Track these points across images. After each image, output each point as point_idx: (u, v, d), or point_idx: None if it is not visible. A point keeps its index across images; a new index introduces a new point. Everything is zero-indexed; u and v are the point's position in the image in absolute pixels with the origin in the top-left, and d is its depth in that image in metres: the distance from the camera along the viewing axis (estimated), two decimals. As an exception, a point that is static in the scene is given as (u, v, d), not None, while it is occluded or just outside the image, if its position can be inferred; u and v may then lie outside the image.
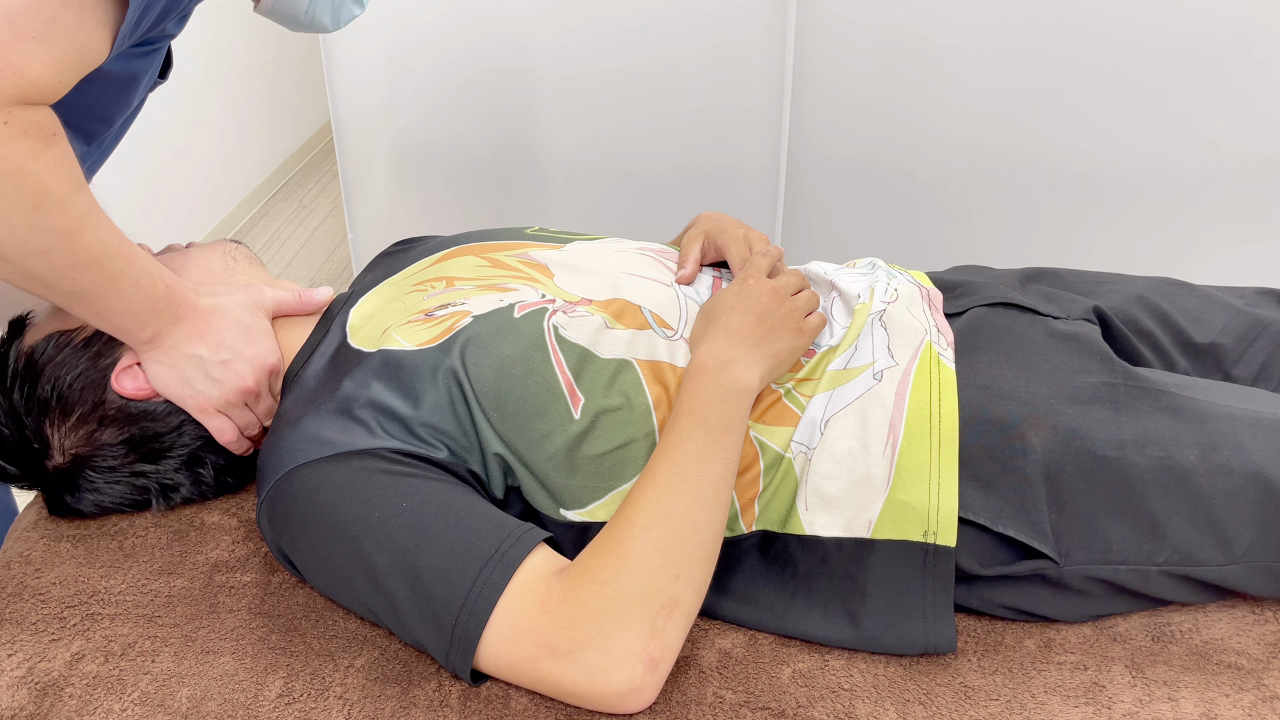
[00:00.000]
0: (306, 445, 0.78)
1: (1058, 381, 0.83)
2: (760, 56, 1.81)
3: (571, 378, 0.81)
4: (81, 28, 0.67)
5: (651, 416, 0.81)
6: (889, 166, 1.89)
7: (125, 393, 0.84)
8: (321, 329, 0.92)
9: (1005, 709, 0.73)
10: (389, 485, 0.75)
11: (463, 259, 0.95)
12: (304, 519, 0.76)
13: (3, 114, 0.64)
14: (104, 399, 0.85)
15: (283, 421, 0.83)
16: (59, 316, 0.88)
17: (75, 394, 0.84)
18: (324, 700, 0.73)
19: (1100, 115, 1.77)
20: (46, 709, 0.73)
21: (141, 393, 0.85)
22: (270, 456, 0.80)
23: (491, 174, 2.02)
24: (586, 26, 1.83)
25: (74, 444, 0.85)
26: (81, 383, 0.85)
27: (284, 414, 0.85)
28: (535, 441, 0.80)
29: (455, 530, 0.72)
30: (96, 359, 0.85)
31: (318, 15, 0.98)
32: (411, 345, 0.83)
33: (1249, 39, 1.67)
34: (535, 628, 0.68)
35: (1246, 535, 0.77)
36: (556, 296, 0.87)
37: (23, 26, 0.63)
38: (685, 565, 0.71)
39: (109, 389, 0.85)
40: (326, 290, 0.95)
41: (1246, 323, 0.96)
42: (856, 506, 0.78)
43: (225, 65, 3.00)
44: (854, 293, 0.91)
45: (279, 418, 0.85)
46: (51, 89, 0.67)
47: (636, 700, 0.69)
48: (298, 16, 0.97)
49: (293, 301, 0.92)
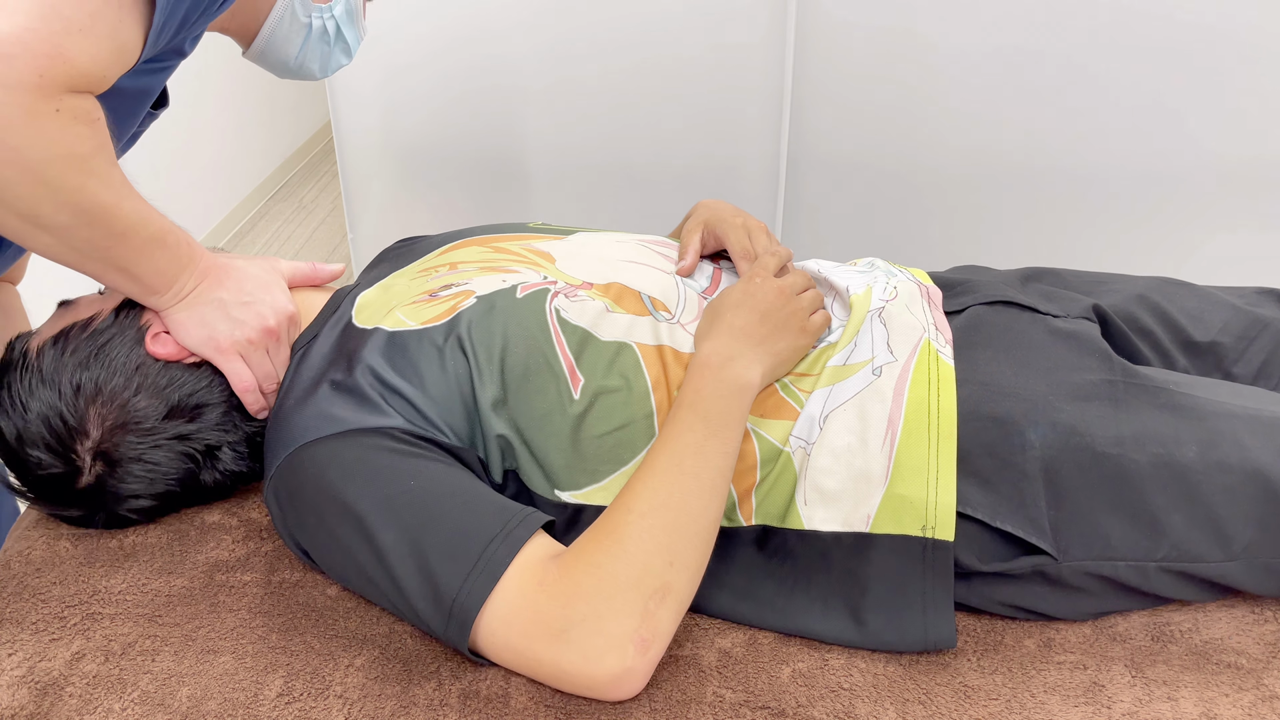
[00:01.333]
0: (316, 422, 0.79)
1: (1057, 379, 0.83)
2: (760, 57, 1.81)
3: (573, 358, 0.82)
4: (121, 24, 0.70)
5: (650, 398, 0.82)
6: (889, 167, 1.89)
7: (160, 355, 0.86)
8: (329, 309, 0.92)
9: (1005, 708, 0.73)
10: (397, 464, 0.76)
11: (468, 248, 0.96)
12: (313, 495, 0.77)
13: (55, 101, 0.67)
14: (140, 364, 0.85)
15: (289, 398, 0.84)
16: (69, 314, 0.89)
17: (112, 368, 0.85)
18: (324, 700, 0.73)
19: (1101, 116, 1.77)
20: (46, 708, 0.73)
21: (175, 353, 0.86)
22: (278, 433, 0.81)
23: (491, 174, 2.02)
24: (587, 27, 1.83)
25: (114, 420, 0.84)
26: (116, 352, 0.85)
27: (290, 390, 0.85)
28: (538, 420, 0.81)
29: (461, 510, 0.73)
30: (123, 330, 0.87)
31: (306, 63, 1.02)
32: (415, 324, 0.84)
33: (1250, 41, 1.67)
34: (531, 606, 0.70)
35: (1245, 532, 0.77)
36: (558, 279, 0.89)
37: (70, 18, 0.67)
38: (679, 553, 0.72)
39: (144, 355, 0.86)
40: (337, 266, 0.97)
41: (1246, 321, 0.96)
42: (855, 501, 0.78)
43: (225, 65, 3.00)
44: (853, 291, 0.92)
45: (285, 394, 0.86)
46: (97, 80, 0.70)
47: (628, 682, 0.69)
48: (287, 63, 1.01)
49: (307, 270, 0.95)
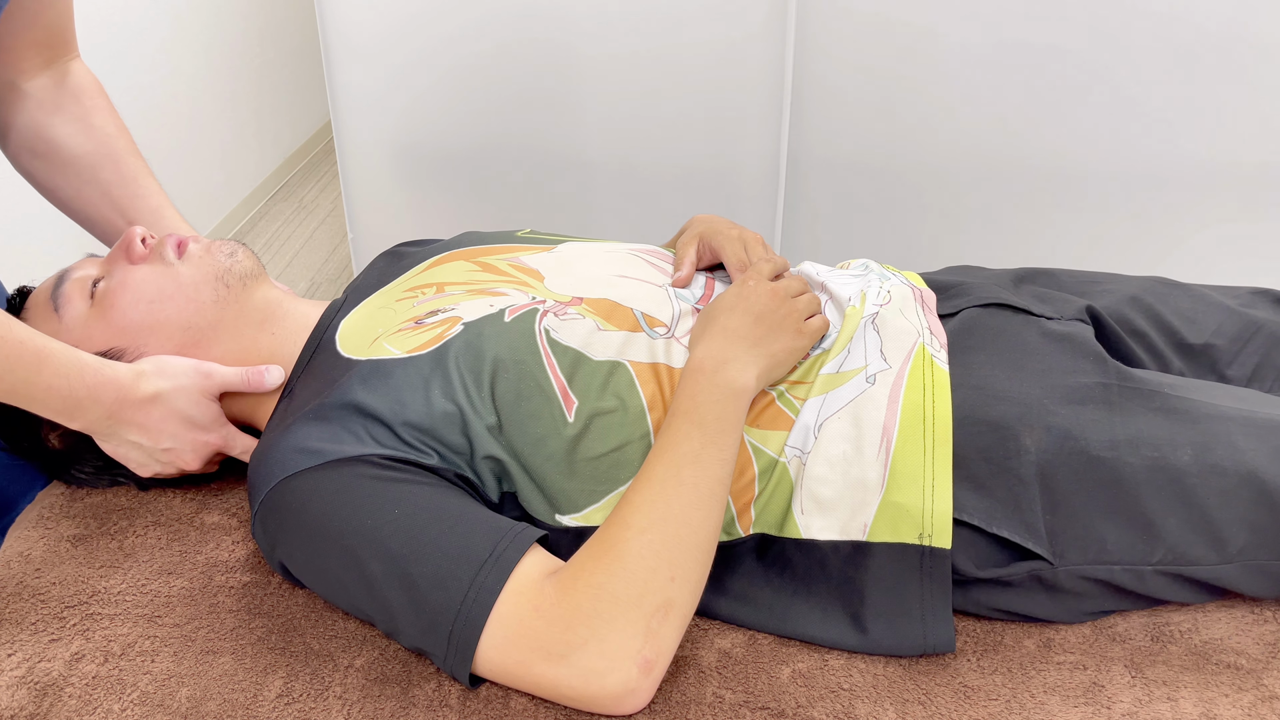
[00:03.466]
0: (296, 455, 0.78)
1: (1051, 382, 0.83)
2: (760, 56, 1.81)
3: (565, 381, 0.81)
4: None
5: (646, 418, 0.81)
6: (890, 166, 1.89)
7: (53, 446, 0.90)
8: (315, 338, 0.91)
9: (1005, 709, 0.73)
10: (380, 492, 0.74)
11: (453, 264, 0.95)
12: (297, 530, 0.76)
13: None
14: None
15: (272, 430, 0.83)
16: (48, 324, 0.89)
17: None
18: (323, 700, 0.73)
19: (1101, 116, 1.77)
20: (46, 709, 0.73)
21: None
22: (260, 467, 0.80)
23: (491, 174, 2.02)
24: (586, 27, 1.83)
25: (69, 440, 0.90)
26: None
27: (274, 423, 0.85)
28: (533, 444, 0.80)
29: (448, 535, 0.72)
30: None
31: None
32: (401, 353, 0.83)
33: (1250, 43, 1.67)
34: (530, 632, 0.68)
35: (1240, 535, 0.77)
36: (547, 298, 0.87)
37: None
38: (680, 567, 0.71)
39: None
40: (277, 373, 0.90)
41: (1240, 324, 0.96)
42: (852, 509, 0.78)
43: (225, 65, 3.00)
44: (846, 296, 0.91)
45: (269, 427, 0.86)
46: None
47: (632, 702, 0.69)
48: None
49: (240, 383, 0.89)
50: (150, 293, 0.88)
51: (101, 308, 0.88)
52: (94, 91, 1.07)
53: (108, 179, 1.05)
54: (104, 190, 1.05)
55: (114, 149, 1.06)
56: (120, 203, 1.05)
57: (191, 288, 0.89)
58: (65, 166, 1.05)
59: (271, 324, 0.92)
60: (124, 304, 0.88)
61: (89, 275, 0.91)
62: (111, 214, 1.05)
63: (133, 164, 1.06)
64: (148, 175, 1.07)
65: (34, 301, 0.92)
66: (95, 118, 1.06)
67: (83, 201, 1.06)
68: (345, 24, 1.86)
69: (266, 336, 0.92)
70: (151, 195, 1.06)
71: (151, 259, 0.90)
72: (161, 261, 0.90)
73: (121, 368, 0.84)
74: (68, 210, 1.08)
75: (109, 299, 0.88)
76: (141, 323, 0.87)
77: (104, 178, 1.05)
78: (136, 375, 0.84)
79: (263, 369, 0.90)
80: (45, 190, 1.07)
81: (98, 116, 1.06)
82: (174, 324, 0.88)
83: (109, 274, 0.90)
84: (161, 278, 0.89)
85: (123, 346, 0.88)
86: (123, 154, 1.06)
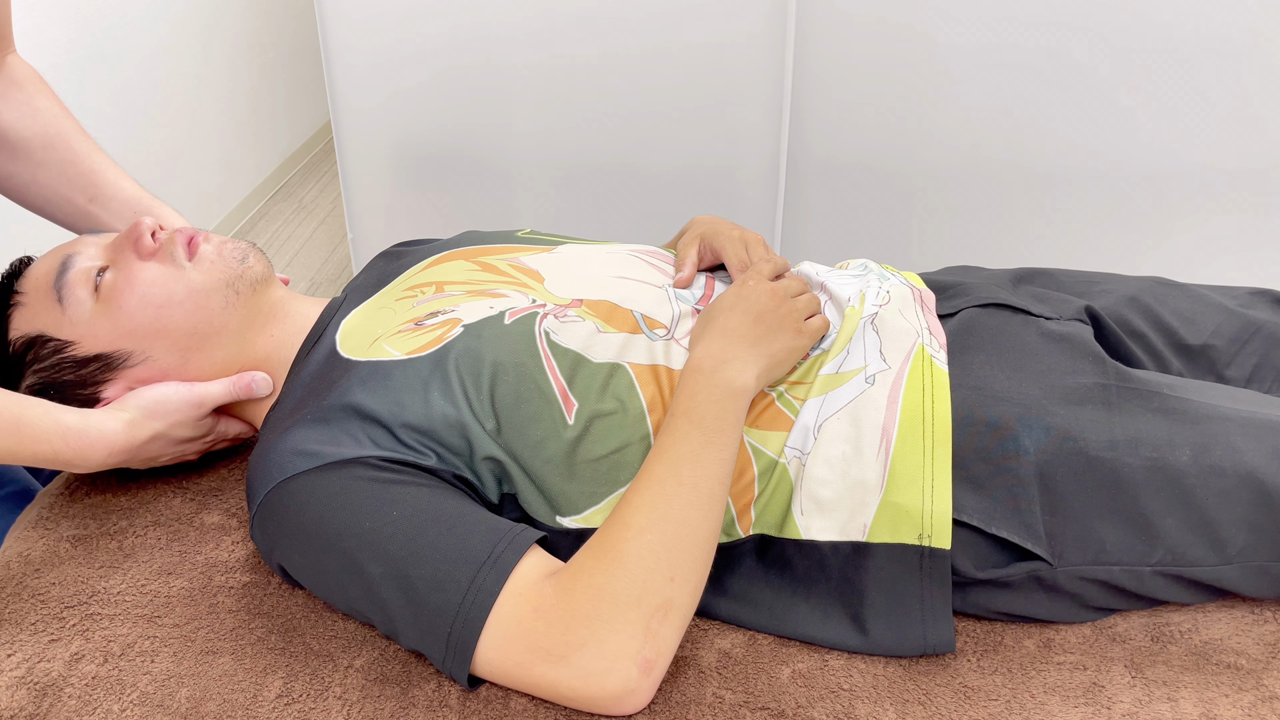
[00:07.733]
0: (294, 458, 0.77)
1: (1050, 382, 0.83)
2: (760, 57, 1.81)
3: (565, 383, 0.81)
4: None
5: (646, 420, 0.81)
6: (889, 167, 1.89)
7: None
8: (313, 337, 0.91)
9: (1005, 709, 0.73)
10: (378, 494, 0.74)
11: (453, 263, 0.95)
12: (295, 532, 0.76)
13: None
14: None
15: (270, 432, 0.83)
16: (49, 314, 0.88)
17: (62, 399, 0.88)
18: (323, 700, 0.73)
19: (1098, 118, 1.77)
20: (46, 709, 0.73)
21: None
22: (259, 470, 0.80)
23: (491, 174, 2.02)
24: (587, 27, 1.83)
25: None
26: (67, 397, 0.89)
27: (272, 424, 0.85)
28: (533, 446, 0.79)
29: (447, 536, 0.72)
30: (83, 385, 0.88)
31: None
32: (401, 354, 0.83)
33: (1245, 46, 1.67)
34: (529, 633, 0.68)
35: (1239, 536, 0.77)
36: (547, 301, 0.87)
37: None
38: (680, 567, 0.71)
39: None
40: (264, 381, 0.91)
41: (1239, 325, 0.96)
42: (851, 510, 0.78)
43: (225, 65, 3.00)
44: (845, 296, 0.91)
45: (267, 428, 0.86)
46: None
47: (632, 702, 0.69)
48: None
49: (228, 397, 0.90)
50: (159, 297, 0.86)
51: (108, 305, 0.86)
52: (35, 79, 1.06)
53: (61, 158, 1.03)
54: (59, 170, 1.03)
55: (62, 128, 1.04)
56: (77, 181, 1.04)
57: (202, 294, 0.88)
58: (15, 151, 1.03)
59: (272, 326, 0.92)
60: (131, 305, 0.86)
61: (93, 265, 0.88)
62: (71, 192, 1.04)
63: (84, 142, 1.05)
64: (100, 152, 1.06)
65: (34, 285, 0.89)
66: (39, 101, 1.04)
67: (39, 186, 1.04)
68: (345, 24, 1.86)
69: (266, 339, 0.92)
70: (108, 169, 1.05)
71: (161, 257, 0.88)
72: (171, 262, 0.88)
73: (108, 421, 0.85)
74: (24, 198, 1.06)
75: (116, 297, 0.86)
76: (149, 327, 0.87)
77: (57, 157, 1.03)
78: (128, 425, 0.86)
79: (249, 379, 0.90)
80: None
81: (41, 100, 1.05)
82: (181, 330, 0.88)
83: (114, 265, 0.88)
84: (172, 282, 0.87)
85: (128, 351, 0.87)
86: (72, 133, 1.05)
